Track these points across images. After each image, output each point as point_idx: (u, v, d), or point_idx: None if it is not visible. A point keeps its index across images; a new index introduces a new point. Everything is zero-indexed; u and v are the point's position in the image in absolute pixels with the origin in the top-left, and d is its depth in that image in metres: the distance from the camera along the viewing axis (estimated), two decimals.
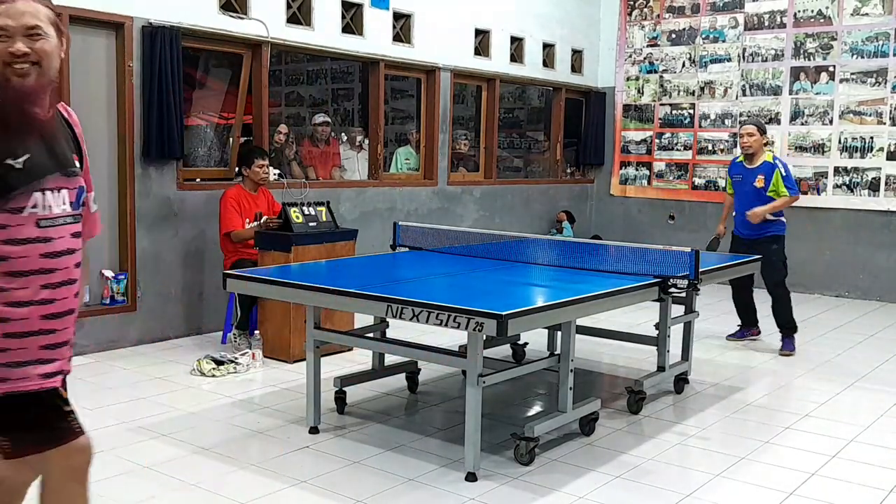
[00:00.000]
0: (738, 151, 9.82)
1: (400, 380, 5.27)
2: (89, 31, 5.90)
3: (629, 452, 4.23)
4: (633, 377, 5.31)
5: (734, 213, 6.71)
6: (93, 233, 2.53)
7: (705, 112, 10.13)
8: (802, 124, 9.45)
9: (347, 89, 11.88)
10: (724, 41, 9.97)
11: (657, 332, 5.26)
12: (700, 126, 10.18)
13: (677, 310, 5.45)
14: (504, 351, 6.01)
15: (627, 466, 4.04)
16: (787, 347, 6.47)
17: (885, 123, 8.98)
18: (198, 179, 6.85)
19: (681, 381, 5.37)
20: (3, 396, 2.19)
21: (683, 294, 4.83)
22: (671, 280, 4.53)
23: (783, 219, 6.67)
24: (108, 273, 6.12)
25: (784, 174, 6.42)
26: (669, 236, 9.95)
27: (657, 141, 10.53)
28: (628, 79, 10.73)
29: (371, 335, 4.98)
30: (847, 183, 9.22)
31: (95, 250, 6.08)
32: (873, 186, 9.08)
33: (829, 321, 7.89)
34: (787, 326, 6.53)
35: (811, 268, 9.40)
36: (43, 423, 2.27)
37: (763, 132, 6.53)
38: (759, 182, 6.42)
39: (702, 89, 10.16)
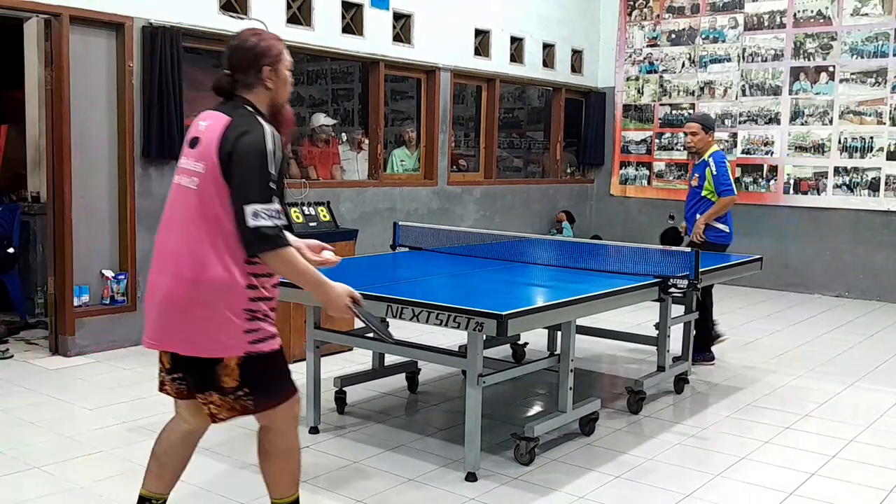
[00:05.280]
0: (737, 151, 9.89)
1: (400, 380, 5.27)
2: (89, 31, 5.90)
3: (629, 452, 4.23)
4: (633, 377, 5.32)
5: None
6: None
7: (705, 112, 10.12)
8: (802, 124, 9.46)
9: (347, 89, 11.87)
10: (723, 41, 9.97)
11: (657, 332, 5.26)
12: None
13: (677, 310, 5.45)
14: (504, 351, 6.01)
15: (627, 466, 4.04)
16: (702, 356, 5.94)
17: (885, 123, 8.99)
18: None
19: (681, 381, 5.37)
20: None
21: (683, 294, 4.82)
22: (671, 280, 4.53)
23: (725, 227, 5.97)
24: (108, 273, 6.12)
25: (716, 172, 5.80)
26: None
27: (657, 141, 10.53)
28: (628, 79, 10.73)
29: (371, 335, 4.97)
30: (847, 183, 9.22)
31: (96, 250, 6.09)
32: (873, 186, 9.08)
33: (829, 321, 7.89)
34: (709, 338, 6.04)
35: (811, 268, 9.41)
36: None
37: (708, 129, 5.99)
38: (694, 180, 6.04)
39: (702, 89, 10.16)
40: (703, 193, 5.94)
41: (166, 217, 2.82)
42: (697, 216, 5.98)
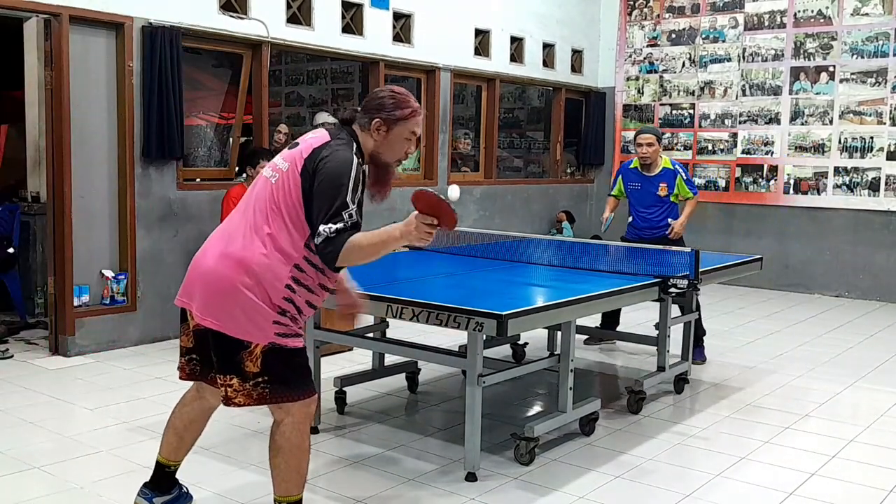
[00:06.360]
0: (737, 151, 9.89)
1: (400, 380, 5.27)
2: (89, 31, 5.90)
3: (629, 452, 4.23)
4: (633, 377, 5.32)
5: (629, 220, 6.39)
6: None
7: (705, 112, 10.13)
8: (802, 124, 9.46)
9: (347, 89, 11.87)
10: (724, 41, 9.97)
11: (657, 332, 5.26)
12: (700, 126, 10.18)
13: (678, 310, 5.45)
14: (504, 351, 6.01)
15: (627, 466, 4.04)
16: (700, 356, 6.05)
17: (885, 123, 8.99)
18: (198, 179, 6.85)
19: (681, 381, 5.37)
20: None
21: (683, 294, 4.82)
22: (671, 280, 4.53)
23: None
24: (108, 273, 6.12)
25: (685, 178, 6.20)
26: None
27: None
28: (628, 79, 10.73)
29: (371, 335, 4.98)
30: (847, 183, 9.22)
31: (96, 250, 6.09)
32: (873, 186, 9.08)
33: (829, 321, 7.89)
34: (702, 333, 6.14)
35: (811, 268, 9.41)
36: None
37: (660, 140, 6.23)
38: (662, 191, 6.14)
39: (702, 89, 10.16)
40: (672, 199, 6.21)
41: (242, 200, 3.05)
42: (669, 220, 6.17)
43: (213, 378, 3.03)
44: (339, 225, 2.81)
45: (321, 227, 2.81)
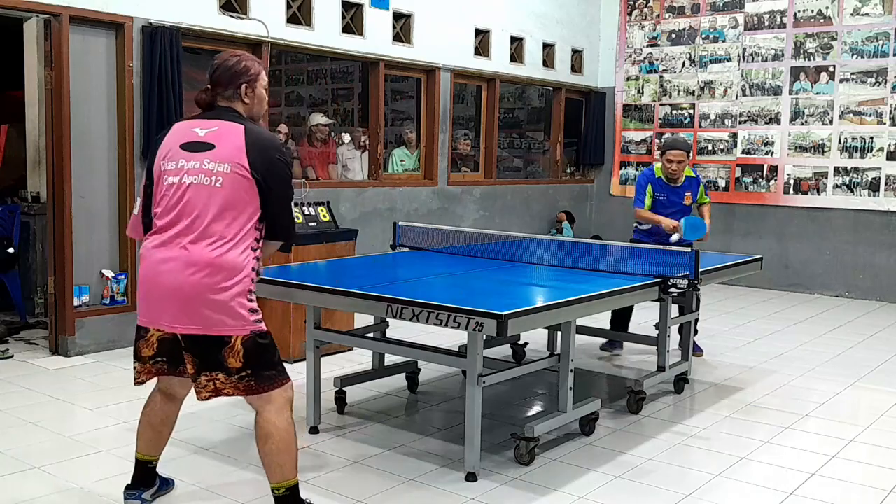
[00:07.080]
0: (737, 151, 9.89)
1: (400, 380, 5.27)
2: (89, 31, 5.90)
3: (629, 452, 4.24)
4: (633, 377, 5.32)
5: (649, 226, 6.25)
6: None
7: (705, 112, 10.13)
8: (802, 124, 9.46)
9: (347, 89, 11.87)
10: (724, 41, 9.97)
11: (657, 332, 5.26)
12: (700, 126, 10.18)
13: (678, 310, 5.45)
14: (504, 351, 6.01)
15: (627, 466, 4.04)
16: (698, 349, 6.24)
17: (885, 123, 8.99)
18: None
19: (681, 381, 5.37)
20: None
21: (683, 294, 4.82)
22: (671, 280, 4.53)
23: None
24: (108, 273, 6.12)
25: (703, 184, 6.41)
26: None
27: (657, 141, 10.53)
28: (628, 79, 10.73)
29: (371, 335, 4.97)
30: (847, 183, 9.22)
31: (96, 250, 6.09)
32: (873, 186, 9.08)
33: (829, 321, 7.89)
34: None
35: (811, 268, 9.41)
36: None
37: (689, 154, 6.29)
38: (687, 200, 6.24)
39: (702, 89, 10.16)
40: (692, 206, 6.36)
41: (176, 213, 3.03)
42: None
43: (181, 371, 3.12)
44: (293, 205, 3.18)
45: (294, 212, 3.15)
